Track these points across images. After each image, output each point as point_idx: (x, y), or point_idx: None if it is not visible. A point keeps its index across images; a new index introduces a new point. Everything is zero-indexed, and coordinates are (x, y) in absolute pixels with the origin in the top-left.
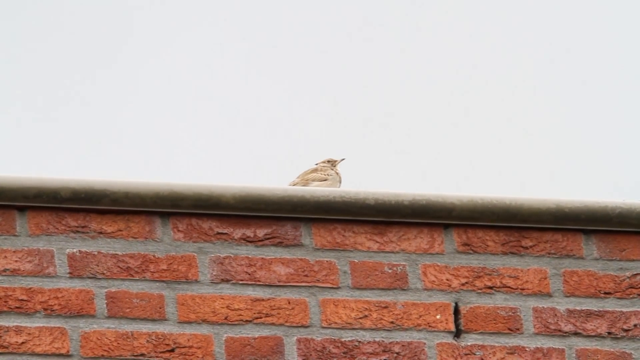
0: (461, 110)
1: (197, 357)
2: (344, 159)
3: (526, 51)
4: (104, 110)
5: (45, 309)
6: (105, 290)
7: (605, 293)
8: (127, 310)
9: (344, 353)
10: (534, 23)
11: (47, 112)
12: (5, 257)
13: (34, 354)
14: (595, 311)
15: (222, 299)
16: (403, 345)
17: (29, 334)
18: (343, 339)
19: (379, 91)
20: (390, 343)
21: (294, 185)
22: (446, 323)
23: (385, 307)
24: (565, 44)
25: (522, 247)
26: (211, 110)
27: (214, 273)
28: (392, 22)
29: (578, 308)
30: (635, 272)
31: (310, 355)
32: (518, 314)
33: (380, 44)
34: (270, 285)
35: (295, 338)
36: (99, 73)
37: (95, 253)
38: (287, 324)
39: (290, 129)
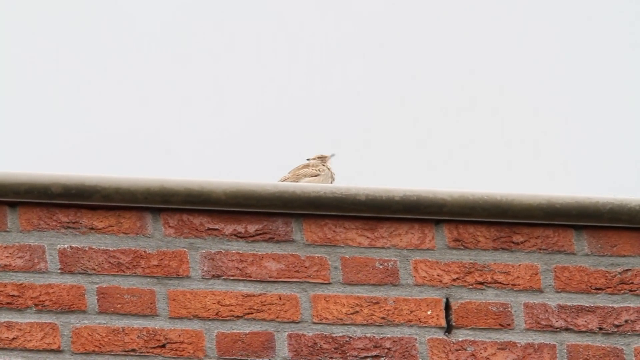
0: (454, 105)
1: (188, 352)
2: (333, 155)
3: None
4: (94, 106)
5: (36, 305)
6: (96, 285)
7: (597, 289)
8: (118, 305)
9: (335, 349)
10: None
11: (38, 109)
12: None
13: (25, 349)
14: (587, 307)
15: (213, 294)
16: (394, 341)
17: (20, 329)
18: (334, 335)
19: (374, 89)
20: (381, 339)
21: (285, 180)
22: (437, 319)
23: (376, 303)
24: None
25: (513, 242)
26: (203, 105)
27: (205, 269)
28: (386, 19)
29: (569, 304)
30: (626, 268)
31: (301, 350)
32: (509, 309)
33: (374, 42)
34: (261, 281)
35: (286, 334)
36: (87, 67)
37: (86, 249)
38: (278, 319)
39: (282, 124)
